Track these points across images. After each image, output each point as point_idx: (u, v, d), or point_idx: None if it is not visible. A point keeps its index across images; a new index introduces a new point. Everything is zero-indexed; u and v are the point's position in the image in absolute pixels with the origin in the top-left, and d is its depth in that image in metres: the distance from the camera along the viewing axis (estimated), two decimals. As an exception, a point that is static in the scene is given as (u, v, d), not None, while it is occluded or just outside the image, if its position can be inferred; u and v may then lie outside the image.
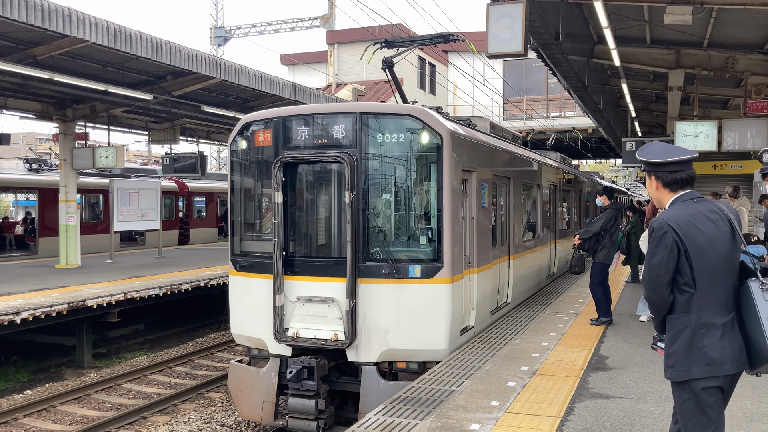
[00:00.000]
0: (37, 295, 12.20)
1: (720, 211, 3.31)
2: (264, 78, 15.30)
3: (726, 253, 3.23)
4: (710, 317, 3.18)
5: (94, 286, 13.31)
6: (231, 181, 8.50)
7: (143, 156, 48.07)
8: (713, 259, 3.20)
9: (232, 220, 8.56)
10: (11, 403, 10.58)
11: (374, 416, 5.45)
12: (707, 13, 9.58)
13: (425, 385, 6.26)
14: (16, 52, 12.29)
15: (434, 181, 7.49)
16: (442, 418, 5.35)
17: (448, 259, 7.37)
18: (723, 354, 3.13)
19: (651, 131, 23.23)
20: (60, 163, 17.54)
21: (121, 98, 14.82)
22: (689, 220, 3.23)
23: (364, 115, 7.51)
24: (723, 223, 3.27)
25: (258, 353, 8.25)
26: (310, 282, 7.70)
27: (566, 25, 10.34)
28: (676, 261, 3.21)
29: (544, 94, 32.70)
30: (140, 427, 9.70)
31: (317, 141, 7.72)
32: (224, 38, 37.97)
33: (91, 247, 20.81)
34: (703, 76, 13.24)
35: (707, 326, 3.17)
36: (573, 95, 15.69)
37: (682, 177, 3.33)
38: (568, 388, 6.16)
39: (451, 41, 9.16)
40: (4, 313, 10.41)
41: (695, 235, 3.20)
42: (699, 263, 3.19)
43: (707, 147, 12.48)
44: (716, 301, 3.20)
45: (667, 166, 3.34)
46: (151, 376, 12.15)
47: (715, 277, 3.21)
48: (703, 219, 3.25)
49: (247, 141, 8.23)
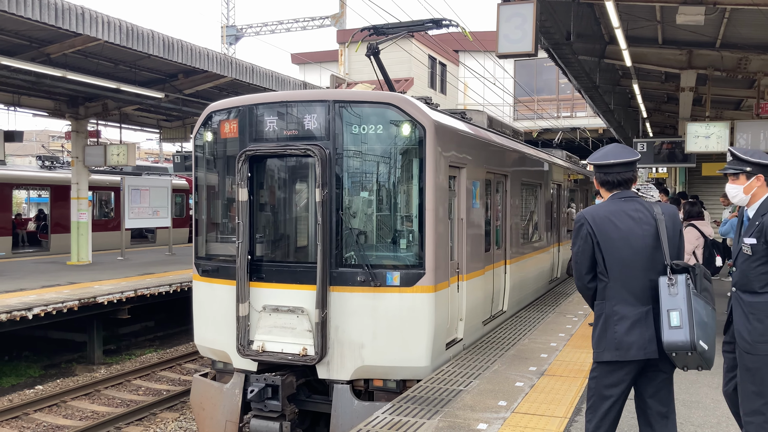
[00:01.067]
0: (48, 291, 12.31)
1: (647, 212, 3.50)
2: (275, 77, 15.33)
3: (643, 249, 3.46)
4: (622, 307, 3.46)
5: (105, 283, 13.41)
6: (195, 178, 7.75)
7: (154, 154, 48.32)
8: (627, 253, 3.46)
9: (196, 220, 7.83)
10: (23, 398, 10.68)
11: (382, 414, 5.47)
12: (720, 13, 9.52)
13: (433, 384, 6.27)
14: (29, 51, 12.40)
15: (416, 177, 6.73)
16: (450, 417, 5.35)
17: (430, 265, 6.59)
18: (631, 341, 3.40)
19: (662, 132, 23.09)
20: (72, 161, 17.71)
21: (132, 96, 14.92)
22: (606, 216, 3.51)
23: (337, 104, 6.74)
24: (647, 222, 3.48)
25: (223, 367, 7.51)
26: (277, 290, 6.92)
27: (577, 25, 10.29)
28: (590, 251, 3.54)
29: (555, 94, 32.59)
30: (149, 423, 9.77)
31: (287, 132, 6.95)
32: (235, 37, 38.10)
33: (103, 244, 20.97)
34: (716, 77, 13.14)
35: (619, 315, 3.45)
36: (584, 95, 15.63)
37: (613, 179, 3.61)
38: (576, 388, 6.15)
39: (443, 27, 8.51)
40: (16, 309, 10.51)
41: (609, 229, 3.49)
42: (611, 255, 3.48)
43: (719, 148, 12.38)
44: (630, 293, 3.46)
45: (601, 168, 3.65)
46: (160, 373, 12.24)
47: (629, 270, 3.46)
48: (623, 216, 3.50)
49: (212, 133, 7.49)
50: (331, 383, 6.78)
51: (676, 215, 3.59)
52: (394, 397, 6.20)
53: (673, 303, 3.27)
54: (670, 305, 3.28)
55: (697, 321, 3.25)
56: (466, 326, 7.73)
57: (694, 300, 3.28)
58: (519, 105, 31.97)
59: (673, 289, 3.31)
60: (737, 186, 3.90)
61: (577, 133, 29.10)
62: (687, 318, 3.24)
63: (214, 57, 13.65)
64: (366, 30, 8.68)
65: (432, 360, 6.69)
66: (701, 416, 5.42)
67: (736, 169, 3.89)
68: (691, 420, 5.32)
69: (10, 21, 10.68)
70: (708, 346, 3.29)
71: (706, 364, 3.35)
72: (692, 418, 5.38)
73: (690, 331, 3.23)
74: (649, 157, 14.86)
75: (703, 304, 3.32)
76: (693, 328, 3.22)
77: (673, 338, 3.24)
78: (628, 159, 3.59)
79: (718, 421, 5.30)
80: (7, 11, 9.53)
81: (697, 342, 3.23)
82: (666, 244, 3.43)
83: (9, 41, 12.07)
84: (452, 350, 7.31)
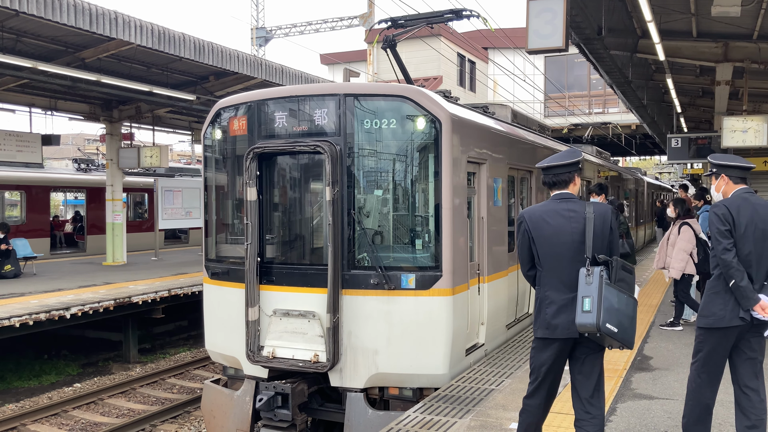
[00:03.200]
0: (85, 291, 12.56)
1: (579, 211, 3.96)
2: (304, 77, 15.42)
3: (571, 244, 3.92)
4: (552, 293, 3.95)
5: (140, 283, 13.64)
6: (204, 178, 7.52)
7: (187, 156, 49.02)
8: (558, 247, 3.94)
9: (206, 221, 7.56)
10: (61, 395, 10.92)
11: (413, 413, 5.45)
12: (757, 3, 9.28)
13: (464, 384, 6.23)
14: (65, 56, 12.69)
15: (431, 174, 6.37)
16: (481, 416, 5.32)
17: (448, 267, 6.25)
18: (557, 323, 3.88)
19: (697, 127, 22.62)
20: (107, 163, 18.04)
21: (165, 99, 15.15)
22: (541, 215, 4.03)
23: (348, 97, 6.41)
24: (576, 221, 3.94)
25: (234, 373, 7.23)
26: (288, 293, 6.63)
27: (609, 19, 10.13)
28: (528, 245, 4.06)
29: (587, 90, 32.17)
30: (184, 421, 9.91)
31: (297, 128, 6.63)
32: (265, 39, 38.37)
33: (137, 244, 21.34)
34: (753, 70, 12.82)
35: (549, 299, 3.95)
36: (616, 91, 15.38)
37: (550, 180, 4.15)
38: (610, 388, 6.06)
39: (464, 18, 8.16)
40: (54, 308, 10.75)
41: (542, 227, 3.99)
42: (543, 249, 3.99)
43: (756, 142, 12.09)
44: (560, 281, 3.93)
45: (542, 171, 4.20)
46: (194, 372, 12.40)
47: (558, 262, 3.94)
48: (555, 215, 3.99)
49: (221, 130, 7.25)
50: (344, 391, 6.48)
51: (606, 214, 3.99)
52: (410, 406, 5.91)
53: (587, 291, 3.73)
54: (585, 293, 3.73)
55: (606, 307, 3.68)
56: (487, 331, 7.42)
57: (606, 289, 3.71)
58: (550, 102, 31.63)
59: (589, 278, 3.75)
60: (713, 186, 4.51)
61: (609, 129, 28.69)
62: (597, 304, 3.68)
63: (244, 59, 13.78)
64: (383, 22, 8.40)
65: (450, 367, 6.38)
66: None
67: (709, 172, 4.58)
68: (730, 420, 5.19)
69: (47, 27, 10.94)
70: (618, 329, 3.72)
71: (623, 344, 3.79)
72: (730, 419, 5.24)
73: (597, 315, 3.66)
74: (683, 153, 14.59)
75: (615, 293, 3.75)
76: (600, 312, 3.66)
77: (583, 321, 3.70)
78: (562, 162, 4.09)
79: (721, 421, 5.16)
80: (44, 17, 9.77)
81: (602, 325, 3.66)
82: (590, 240, 3.87)
83: (46, 47, 12.37)
84: (473, 356, 6.98)
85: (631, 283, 3.91)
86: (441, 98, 6.65)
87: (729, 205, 4.18)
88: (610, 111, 30.88)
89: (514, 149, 8.59)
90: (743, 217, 4.12)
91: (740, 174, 4.36)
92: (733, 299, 4.05)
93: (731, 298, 4.06)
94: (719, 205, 4.23)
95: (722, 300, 4.09)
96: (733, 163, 4.37)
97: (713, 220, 4.17)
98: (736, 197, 4.26)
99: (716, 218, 4.15)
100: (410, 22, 8.33)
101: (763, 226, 4.13)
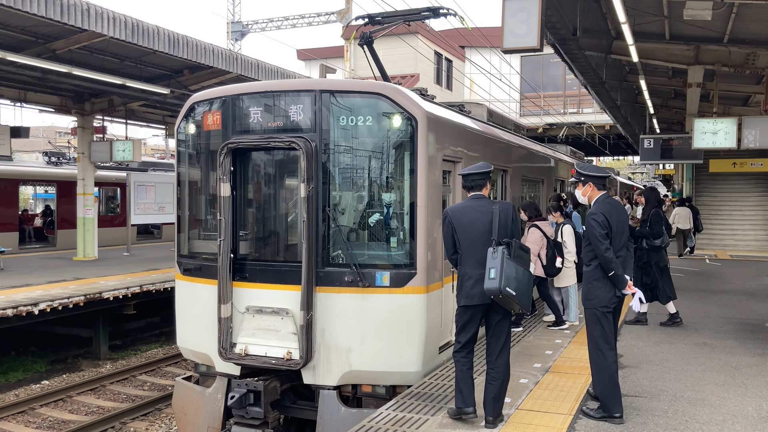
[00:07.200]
0: (54, 286, 12.35)
1: (488, 207, 5.05)
2: (280, 72, 15.32)
3: (483, 232, 4.97)
4: (470, 269, 4.98)
5: (111, 279, 13.46)
6: (178, 173, 7.40)
7: (160, 150, 48.42)
8: (473, 234, 5.00)
9: (178, 216, 7.45)
10: (29, 392, 10.73)
11: (385, 411, 5.45)
12: (728, 8, 9.44)
13: (437, 381, 6.25)
14: (35, 46, 12.43)
15: (407, 171, 6.40)
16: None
17: (422, 265, 6.29)
18: (474, 293, 4.93)
19: (669, 128, 22.98)
20: (78, 157, 17.75)
21: (138, 92, 14.93)
22: (460, 211, 5.11)
23: (324, 93, 6.40)
24: (486, 213, 5.02)
25: (206, 370, 7.14)
26: (261, 290, 6.60)
27: (584, 20, 10.22)
28: (451, 234, 5.09)
29: (562, 90, 32.45)
30: (154, 419, 9.80)
31: (272, 124, 6.61)
32: (241, 33, 38.05)
33: (109, 239, 21.04)
34: (723, 73, 13.05)
35: (468, 275, 4.99)
36: (590, 91, 15.54)
37: (468, 184, 5.22)
38: (581, 385, 6.12)
39: (441, 16, 8.31)
40: (22, 304, 10.55)
41: (461, 219, 5.05)
42: (462, 236, 5.04)
43: (726, 144, 12.32)
44: (476, 260, 4.95)
45: (462, 177, 5.27)
46: (166, 369, 12.28)
47: (473, 245, 4.98)
48: (471, 210, 5.07)
49: (195, 125, 7.16)
50: (316, 389, 6.48)
51: (508, 210, 5.06)
52: (383, 403, 5.94)
53: (493, 263, 4.74)
54: (491, 265, 4.75)
55: (506, 275, 4.68)
56: None
57: (506, 262, 4.72)
58: (525, 101, 31.85)
59: (494, 254, 4.78)
60: (579, 191, 5.46)
61: (584, 129, 28.98)
62: (499, 273, 4.68)
63: (220, 53, 13.65)
64: (360, 18, 8.37)
65: (423, 365, 6.42)
66: (707, 414, 5.39)
67: (576, 179, 5.51)
68: (697, 418, 5.29)
69: (15, 17, 10.71)
70: (516, 293, 4.71)
71: (522, 306, 4.81)
72: (697, 415, 5.35)
73: (500, 281, 4.66)
74: (656, 154, 14.79)
75: (514, 266, 4.75)
76: (502, 279, 4.66)
77: (489, 285, 4.71)
78: (478, 171, 5.19)
79: (723, 419, 5.27)
80: (12, 7, 9.56)
81: (503, 288, 4.66)
82: (496, 229, 4.95)
83: (15, 37, 12.10)
84: (446, 354, 7.01)
85: (526, 259, 4.91)
86: (417, 96, 6.68)
87: (604, 211, 5.14)
88: (584, 111, 31.19)
89: (489, 148, 8.68)
90: (614, 219, 5.16)
91: (602, 182, 5.37)
92: (609, 283, 5.11)
93: (608, 282, 5.11)
94: (596, 212, 5.16)
95: (602, 285, 5.14)
96: (597, 173, 5.37)
97: (594, 226, 5.09)
98: (603, 203, 5.24)
99: (596, 224, 5.10)
100: (387, 19, 8.34)
101: (622, 224, 5.25)
